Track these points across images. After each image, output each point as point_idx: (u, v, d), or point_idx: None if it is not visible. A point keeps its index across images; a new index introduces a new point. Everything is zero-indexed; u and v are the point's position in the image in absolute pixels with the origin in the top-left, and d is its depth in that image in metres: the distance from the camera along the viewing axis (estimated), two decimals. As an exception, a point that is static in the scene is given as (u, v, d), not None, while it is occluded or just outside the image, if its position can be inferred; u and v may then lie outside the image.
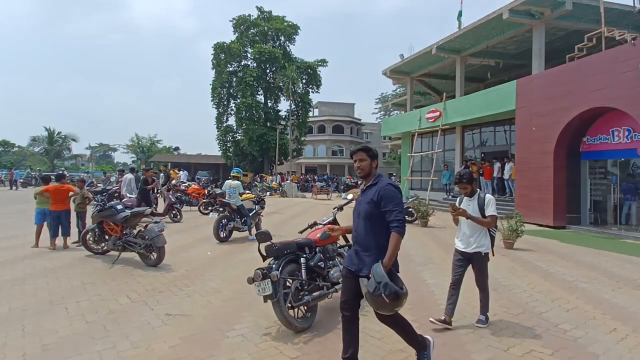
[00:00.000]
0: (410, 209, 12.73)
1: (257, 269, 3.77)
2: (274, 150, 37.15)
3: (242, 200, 9.60)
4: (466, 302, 4.57)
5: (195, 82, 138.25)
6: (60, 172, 10.96)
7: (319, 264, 4.26)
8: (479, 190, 4.26)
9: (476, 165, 17.53)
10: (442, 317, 4.04)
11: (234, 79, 38.61)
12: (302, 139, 41.69)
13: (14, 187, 30.24)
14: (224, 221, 9.08)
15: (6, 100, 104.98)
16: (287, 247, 4.08)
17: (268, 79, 39.13)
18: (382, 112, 51.78)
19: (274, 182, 30.57)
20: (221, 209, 9.68)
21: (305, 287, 4.03)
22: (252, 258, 6.56)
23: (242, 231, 9.47)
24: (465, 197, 4.20)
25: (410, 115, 23.14)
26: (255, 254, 4.66)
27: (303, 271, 4.05)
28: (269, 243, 4.06)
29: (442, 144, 20.04)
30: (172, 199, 13.12)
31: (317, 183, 32.26)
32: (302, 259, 4.11)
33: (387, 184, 2.98)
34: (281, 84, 37.47)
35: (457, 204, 4.21)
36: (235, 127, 39.80)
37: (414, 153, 22.01)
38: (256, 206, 10.10)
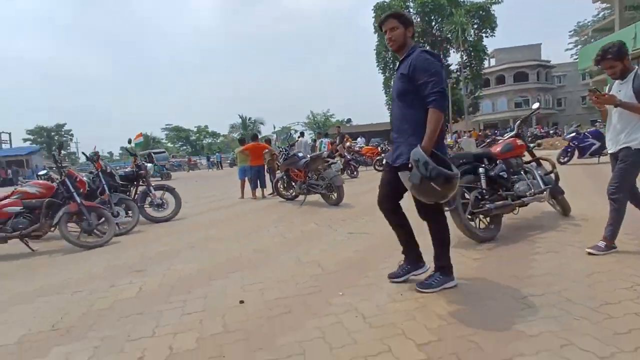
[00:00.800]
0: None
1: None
2: (447, 108, 35.10)
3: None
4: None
5: (361, 52, 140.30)
6: (255, 133, 12.98)
7: (501, 173, 3.83)
8: (637, 67, 2.95)
9: None
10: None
11: (398, 39, 37.64)
12: (478, 92, 38.01)
13: (218, 168, 38.34)
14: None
15: (209, 97, 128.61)
16: (462, 157, 3.82)
17: (434, 31, 36.58)
18: (579, 47, 42.63)
19: (449, 140, 29.10)
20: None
21: (486, 197, 3.68)
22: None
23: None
24: (616, 81, 3.02)
25: (620, 36, 18.28)
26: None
27: (482, 181, 3.71)
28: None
29: (673, 63, 15.29)
30: (348, 157, 13.90)
31: (497, 137, 29.25)
32: (480, 169, 3.76)
33: (421, 52, 2.45)
34: (449, 35, 34.69)
35: (607, 91, 3.04)
36: (403, 90, 39.05)
37: (629, 82, 17.47)
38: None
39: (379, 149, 17.17)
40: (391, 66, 38.49)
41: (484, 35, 35.86)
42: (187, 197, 9.85)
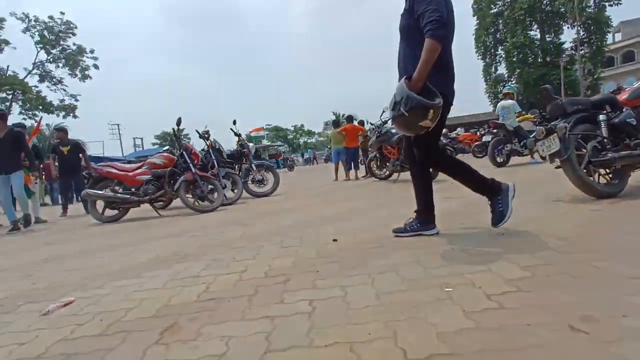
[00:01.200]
0: None
1: (540, 126, 3.32)
2: (558, 92, 31.37)
3: (519, 122, 8.67)
4: None
5: (457, 38, 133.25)
6: (350, 115, 13.01)
7: (627, 120, 3.32)
8: None
9: None
10: None
11: (500, 21, 34.63)
12: (598, 73, 33.25)
13: (313, 164, 39.58)
14: (499, 145, 8.45)
15: (306, 97, 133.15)
16: (577, 102, 3.39)
17: (543, 6, 32.94)
18: None
19: (561, 126, 26.08)
20: (494, 131, 9.04)
21: (608, 147, 3.24)
22: (533, 179, 5.92)
23: (524, 155, 8.55)
24: None
25: None
26: (537, 174, 4.21)
27: (603, 129, 3.27)
28: (554, 101, 3.48)
29: None
30: (444, 141, 13.32)
31: (624, 86, 25.24)
32: (601, 116, 3.32)
33: None
34: (562, 8, 30.96)
35: None
36: (506, 75, 35.89)
37: None
38: (538, 127, 8.88)
39: (478, 134, 16.10)
40: (492, 51, 35.76)
41: (606, 4, 31.10)
42: (284, 182, 10.43)
